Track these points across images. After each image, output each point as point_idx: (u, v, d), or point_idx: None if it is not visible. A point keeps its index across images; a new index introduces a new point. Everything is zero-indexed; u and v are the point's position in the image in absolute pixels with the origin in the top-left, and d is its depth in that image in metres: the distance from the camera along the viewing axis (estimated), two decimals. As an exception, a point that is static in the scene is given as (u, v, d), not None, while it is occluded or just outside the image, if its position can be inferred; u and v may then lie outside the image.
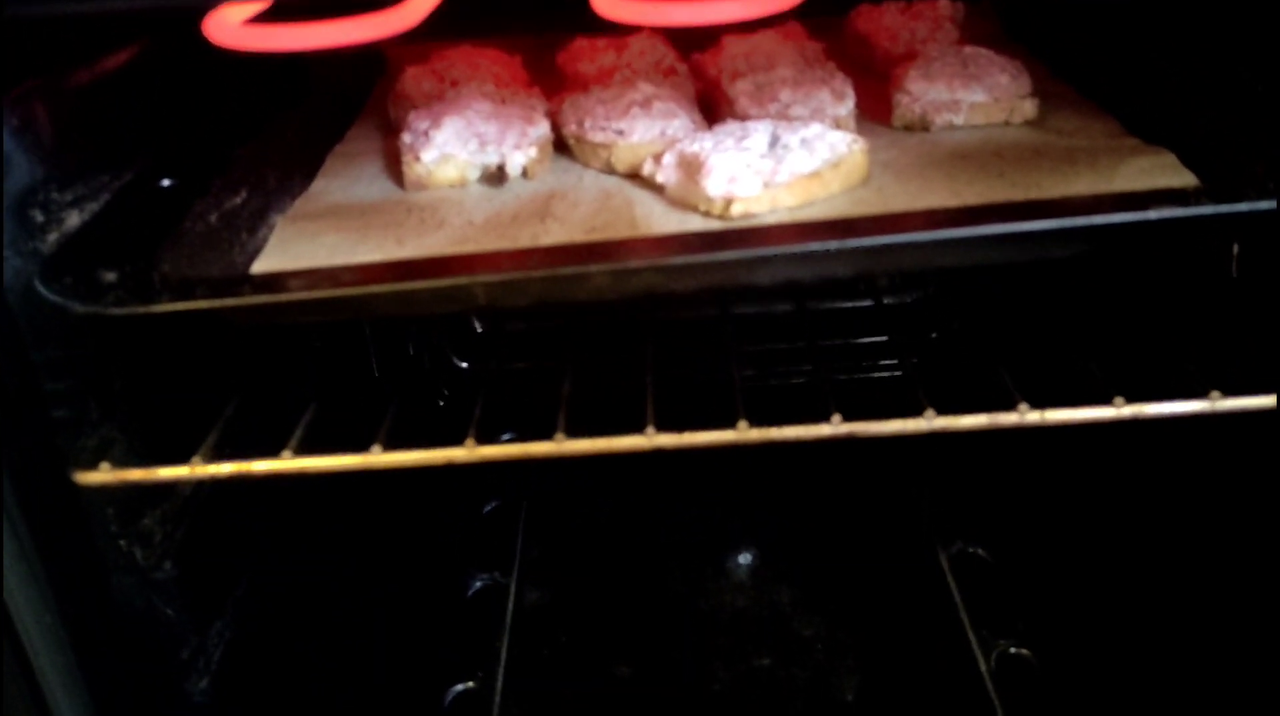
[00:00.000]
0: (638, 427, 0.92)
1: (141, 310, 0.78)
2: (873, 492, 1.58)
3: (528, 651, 1.40)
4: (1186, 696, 1.17)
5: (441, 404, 1.73)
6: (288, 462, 0.91)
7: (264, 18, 0.79)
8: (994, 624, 1.36)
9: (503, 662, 1.38)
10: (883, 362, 1.64)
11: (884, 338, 1.65)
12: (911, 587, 1.44)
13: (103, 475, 0.88)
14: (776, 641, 1.38)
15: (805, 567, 1.49)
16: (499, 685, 1.35)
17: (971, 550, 1.48)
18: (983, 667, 1.30)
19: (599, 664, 1.37)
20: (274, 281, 0.81)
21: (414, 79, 1.20)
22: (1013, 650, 1.33)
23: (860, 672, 1.33)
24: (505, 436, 1.63)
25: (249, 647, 1.14)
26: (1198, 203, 0.78)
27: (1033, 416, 0.86)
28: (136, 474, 0.88)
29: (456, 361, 1.77)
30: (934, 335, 1.71)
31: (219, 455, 0.92)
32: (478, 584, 1.51)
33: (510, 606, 1.47)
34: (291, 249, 0.94)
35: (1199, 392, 0.86)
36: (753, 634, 1.39)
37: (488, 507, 1.64)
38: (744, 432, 0.88)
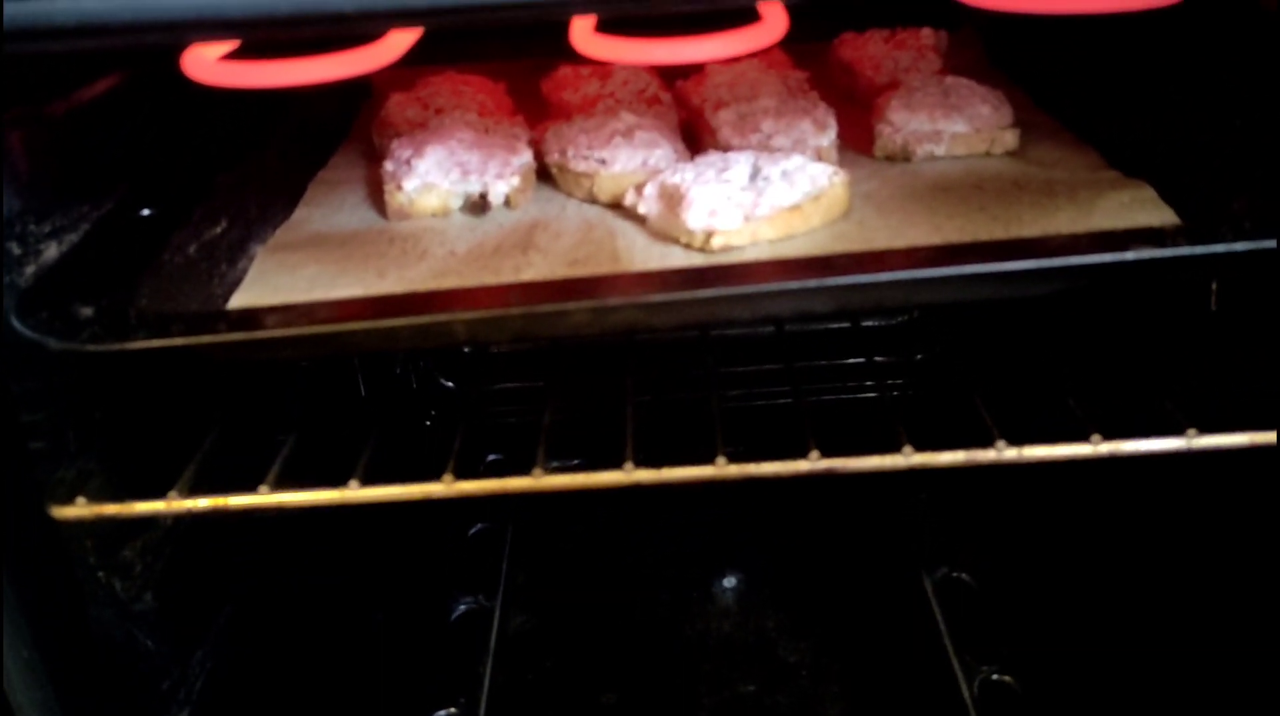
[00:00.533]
0: (618, 457, 0.92)
1: (116, 347, 0.78)
2: (858, 517, 1.58)
3: (512, 677, 1.40)
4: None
5: (428, 424, 1.73)
6: (265, 497, 0.90)
7: (242, 53, 0.78)
8: (977, 650, 1.36)
9: (486, 688, 1.37)
10: (869, 383, 1.64)
11: (869, 360, 1.65)
12: (896, 612, 1.44)
13: (78, 510, 0.87)
14: (761, 667, 1.37)
15: (791, 592, 1.48)
16: (482, 712, 1.34)
17: (956, 575, 1.47)
18: (966, 694, 1.30)
19: (584, 690, 1.37)
20: (250, 318, 0.81)
21: (398, 106, 1.20)
22: (995, 676, 1.32)
23: (844, 699, 1.33)
24: (491, 457, 1.67)
25: (230, 677, 1.14)
26: (1175, 242, 0.78)
27: (1010, 453, 0.86)
28: (111, 509, 0.88)
29: (443, 381, 1.77)
30: (919, 357, 1.71)
31: (198, 488, 0.92)
32: (462, 607, 1.50)
33: (494, 631, 1.46)
34: (271, 281, 0.94)
35: (1176, 430, 0.87)
36: (738, 660, 1.39)
37: (473, 530, 1.64)
38: (722, 468, 0.88)
